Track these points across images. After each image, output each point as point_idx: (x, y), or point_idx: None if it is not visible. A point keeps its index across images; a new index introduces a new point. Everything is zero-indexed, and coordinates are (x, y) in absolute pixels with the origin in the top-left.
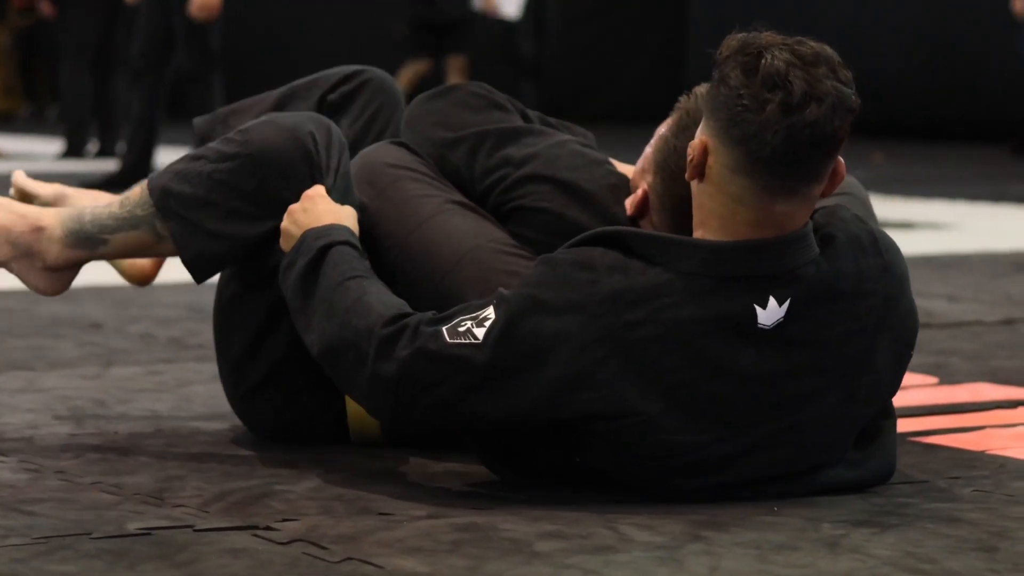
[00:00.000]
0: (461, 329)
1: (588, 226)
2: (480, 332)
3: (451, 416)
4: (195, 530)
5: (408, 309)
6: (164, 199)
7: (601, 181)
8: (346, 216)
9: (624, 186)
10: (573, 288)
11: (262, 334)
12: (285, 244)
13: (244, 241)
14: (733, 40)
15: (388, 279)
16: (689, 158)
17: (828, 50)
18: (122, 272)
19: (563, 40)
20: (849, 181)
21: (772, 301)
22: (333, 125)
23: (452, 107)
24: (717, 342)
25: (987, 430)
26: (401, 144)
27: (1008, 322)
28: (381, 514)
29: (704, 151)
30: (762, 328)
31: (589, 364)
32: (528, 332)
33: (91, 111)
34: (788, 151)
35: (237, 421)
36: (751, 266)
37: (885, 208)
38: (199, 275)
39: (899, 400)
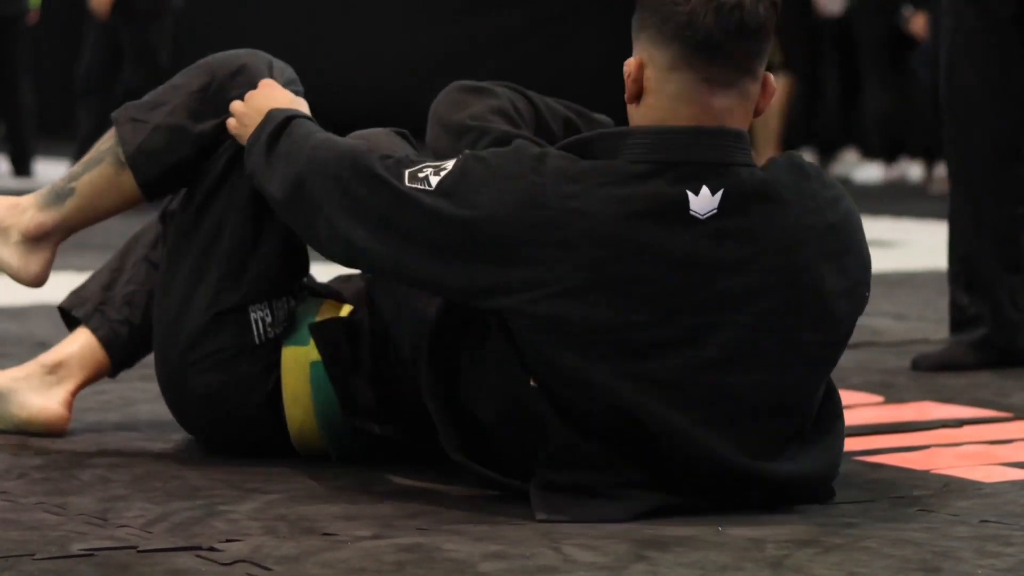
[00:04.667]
0: (421, 175)
1: None
2: (435, 180)
3: (399, 261)
4: (138, 551)
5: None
6: (122, 111)
7: None
8: (303, 105)
9: None
10: (522, 162)
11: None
12: (239, 126)
13: (185, 136)
14: None
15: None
16: (625, 76)
17: None
18: (31, 423)
19: (516, 49)
20: None
21: (705, 190)
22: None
23: (478, 101)
24: (649, 224)
25: (932, 449)
26: (401, 134)
27: None
28: (325, 535)
29: (640, 67)
30: (695, 216)
31: (522, 228)
32: (473, 187)
33: None
34: (719, 31)
35: (182, 439)
36: (688, 151)
37: None
38: (139, 172)
39: (845, 419)
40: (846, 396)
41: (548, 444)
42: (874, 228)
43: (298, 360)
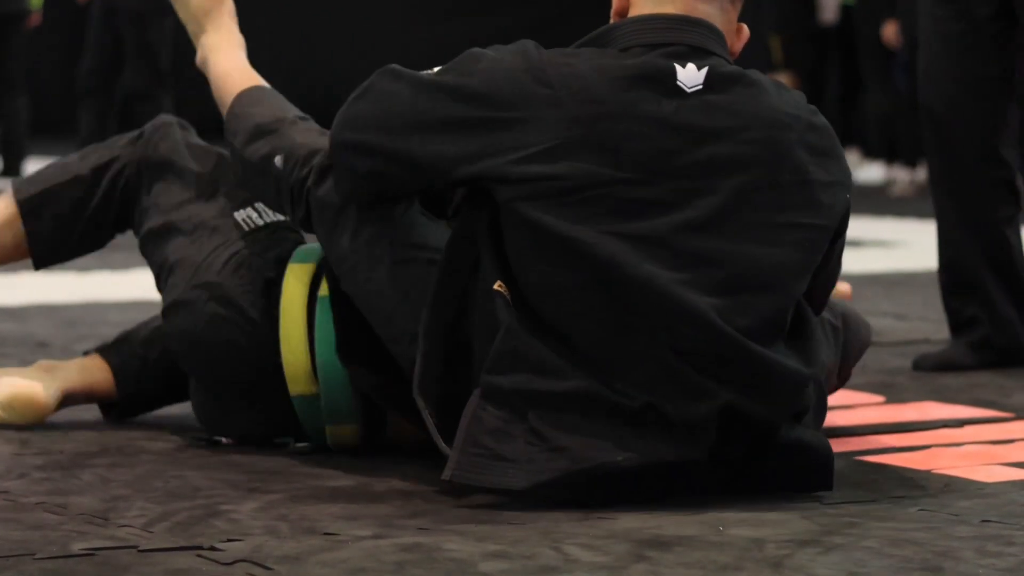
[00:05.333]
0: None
1: None
2: (436, 68)
3: (390, 141)
4: (139, 550)
5: None
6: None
7: None
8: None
9: None
10: (523, 45)
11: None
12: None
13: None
14: None
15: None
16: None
17: None
18: (14, 400)
19: None
20: None
21: (691, 65)
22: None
23: None
24: (638, 87)
25: (933, 449)
26: None
27: None
28: (326, 534)
29: None
30: (681, 87)
31: (516, 90)
32: (472, 62)
33: None
34: None
35: (183, 440)
36: (672, 35)
37: None
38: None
39: (846, 419)
40: (847, 396)
41: (498, 348)
42: (876, 228)
43: (300, 276)
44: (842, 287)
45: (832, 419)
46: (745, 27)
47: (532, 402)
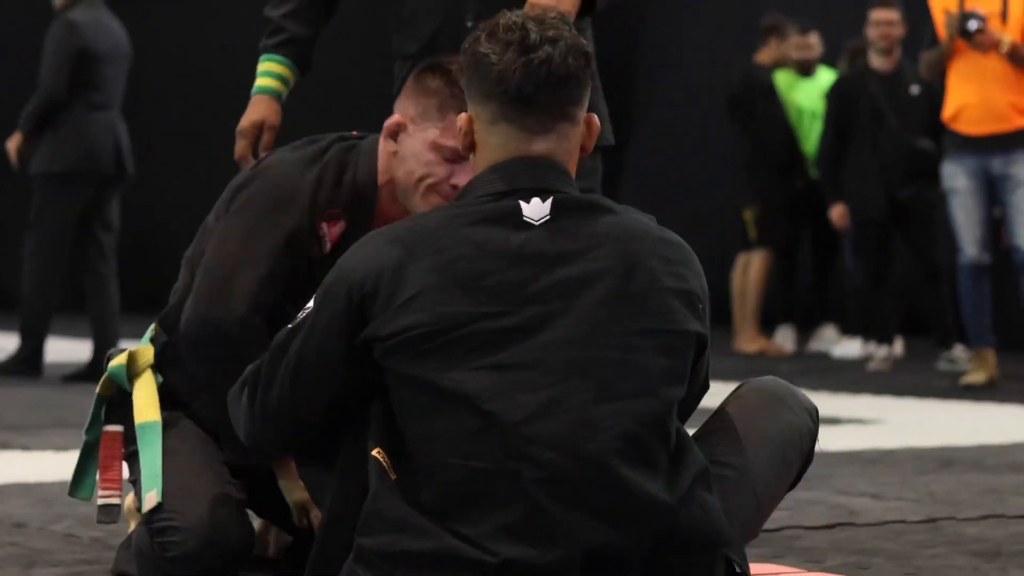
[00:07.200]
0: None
1: None
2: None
3: (305, 379)
4: None
5: None
6: None
7: None
8: None
9: None
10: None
11: None
12: None
13: None
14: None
15: None
16: (458, 132)
17: (560, 12)
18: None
19: None
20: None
21: (535, 200)
22: None
23: None
24: (485, 227)
25: None
26: None
27: (931, 521)
28: None
29: (469, 121)
30: (529, 221)
31: (377, 261)
32: (337, 265)
33: None
34: (529, 85)
35: None
36: (515, 180)
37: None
38: None
39: None
40: None
41: (366, 509)
42: (852, 405)
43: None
44: None
45: None
46: (595, 120)
47: (397, 563)
